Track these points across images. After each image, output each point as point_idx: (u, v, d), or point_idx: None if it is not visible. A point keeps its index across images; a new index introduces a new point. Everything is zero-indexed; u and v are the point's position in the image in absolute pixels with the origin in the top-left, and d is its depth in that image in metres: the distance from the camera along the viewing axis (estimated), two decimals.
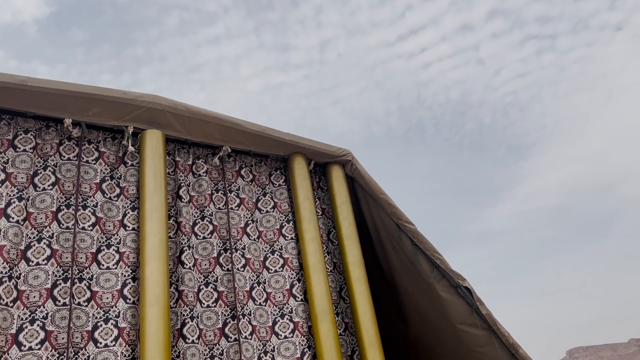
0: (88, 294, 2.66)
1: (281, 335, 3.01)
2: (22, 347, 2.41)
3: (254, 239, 3.22)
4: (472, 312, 3.50)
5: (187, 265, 2.89)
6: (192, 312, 2.79)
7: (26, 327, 2.45)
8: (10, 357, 2.37)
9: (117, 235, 2.86)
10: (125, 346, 2.59)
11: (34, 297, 2.53)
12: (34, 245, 2.62)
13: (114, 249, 2.82)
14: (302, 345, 3.00)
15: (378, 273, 3.96)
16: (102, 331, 2.60)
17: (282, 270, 3.20)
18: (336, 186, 3.58)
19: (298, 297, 3.13)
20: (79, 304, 2.61)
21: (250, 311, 2.95)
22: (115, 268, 2.78)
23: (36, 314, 2.49)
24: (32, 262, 2.59)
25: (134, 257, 2.82)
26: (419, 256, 3.52)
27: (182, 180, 3.15)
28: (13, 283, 2.49)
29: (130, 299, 2.71)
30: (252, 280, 3.07)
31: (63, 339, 2.50)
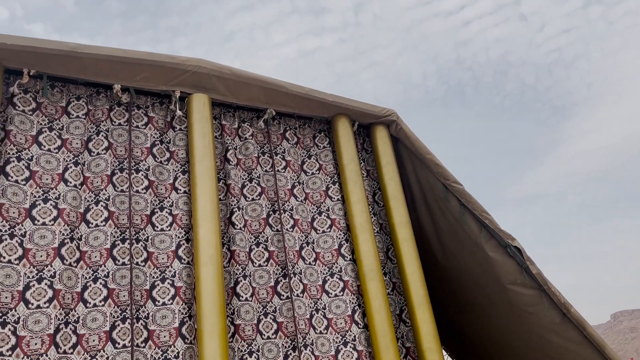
0: (145, 254, 2.75)
1: (331, 294, 3.06)
2: (88, 305, 2.53)
3: (301, 200, 3.25)
4: (521, 272, 3.46)
5: (237, 226, 2.95)
6: (244, 271, 2.86)
7: (90, 285, 2.57)
8: (77, 313, 2.49)
9: (169, 198, 2.93)
10: (182, 304, 2.68)
11: (96, 257, 2.63)
12: (92, 207, 2.71)
13: (167, 212, 2.89)
14: (352, 303, 3.04)
15: (423, 236, 3.95)
16: (159, 290, 2.70)
17: (329, 231, 3.23)
18: (381, 147, 3.55)
19: (347, 257, 3.16)
20: (137, 263, 2.70)
21: (301, 270, 3.00)
22: (169, 230, 2.85)
23: (98, 273, 2.60)
24: (92, 224, 2.68)
25: (186, 219, 2.89)
26: (467, 216, 3.47)
27: (229, 143, 3.18)
28: (75, 244, 2.60)
29: (184, 259, 2.79)
30: (301, 240, 3.11)
31: (124, 296, 2.60)
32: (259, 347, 2.75)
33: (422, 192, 3.76)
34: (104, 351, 2.47)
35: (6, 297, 2.31)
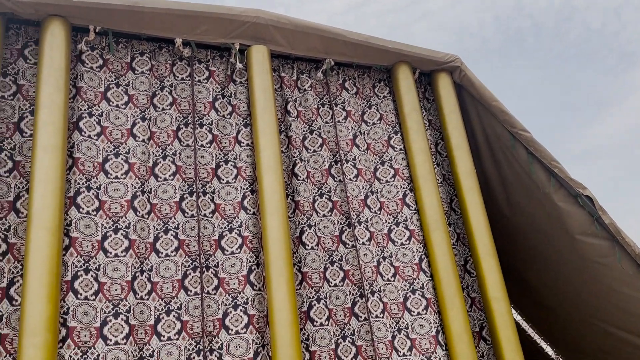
0: (212, 206, 2.82)
1: (397, 242, 3.05)
2: (160, 254, 2.63)
3: (363, 150, 3.22)
4: (593, 222, 3.32)
5: (300, 177, 2.97)
6: (309, 221, 2.89)
7: (161, 236, 2.67)
8: (150, 262, 2.61)
9: (233, 151, 2.97)
10: (249, 253, 2.75)
11: (165, 209, 2.72)
12: (160, 162, 2.79)
13: (231, 164, 2.94)
14: (419, 251, 3.03)
15: (487, 187, 3.84)
16: (227, 240, 2.77)
17: (393, 181, 3.19)
18: (444, 95, 3.43)
19: (411, 207, 3.13)
20: (204, 215, 2.78)
21: (367, 218, 3.00)
22: (235, 182, 2.90)
23: (169, 225, 2.70)
24: (160, 177, 2.77)
25: (250, 171, 2.92)
26: (535, 165, 3.34)
27: (289, 95, 3.16)
28: (146, 197, 2.69)
29: (250, 210, 2.84)
30: (365, 189, 3.10)
31: (194, 246, 2.69)
32: (326, 294, 2.80)
33: (487, 142, 3.64)
34: (177, 298, 2.58)
35: (87, 246, 2.44)
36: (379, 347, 2.70)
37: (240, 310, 2.64)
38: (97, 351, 2.29)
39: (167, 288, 2.59)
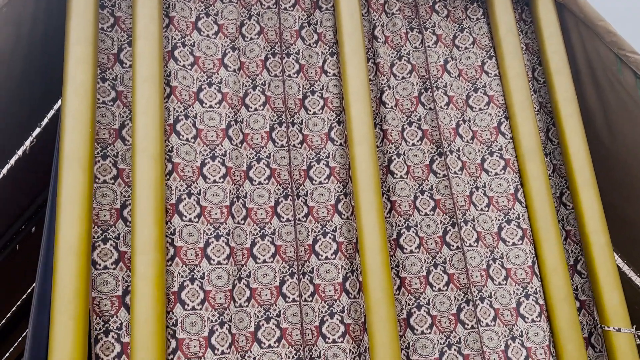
0: (300, 137, 2.84)
1: (491, 172, 2.96)
2: (253, 182, 2.71)
3: (455, 77, 3.08)
4: None
5: (388, 105, 2.90)
6: (397, 150, 2.85)
7: (254, 165, 2.74)
8: (245, 189, 2.70)
9: (320, 81, 2.94)
10: (337, 183, 2.77)
11: (257, 139, 2.78)
12: (250, 92, 2.82)
13: (318, 95, 2.92)
14: (514, 182, 2.92)
15: (587, 115, 3.58)
16: (315, 170, 2.80)
17: (487, 108, 3.05)
18: (543, 16, 3.17)
19: (507, 135, 2.99)
20: (294, 145, 2.81)
21: (458, 147, 2.92)
22: (321, 113, 2.89)
23: (260, 154, 2.76)
24: (251, 108, 2.81)
25: (337, 102, 2.90)
26: None
27: (376, 20, 3.05)
28: (238, 126, 2.75)
29: (337, 141, 2.84)
30: (456, 117, 2.99)
31: (285, 175, 2.75)
32: (416, 222, 2.79)
33: (589, 66, 3.36)
34: (271, 224, 2.67)
35: (188, 171, 2.55)
36: (472, 275, 2.67)
37: (329, 237, 2.70)
38: (202, 269, 2.44)
39: (262, 214, 2.67)
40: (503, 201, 2.90)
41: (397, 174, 2.82)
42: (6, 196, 3.65)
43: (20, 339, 5.81)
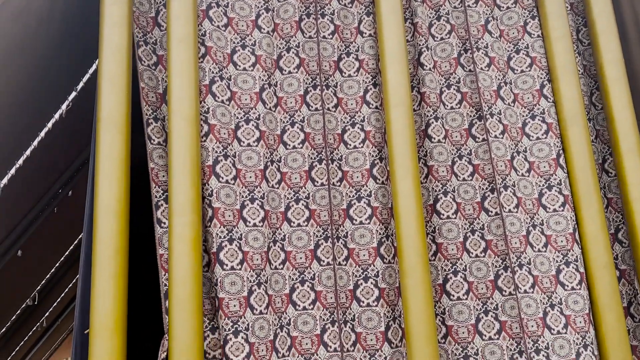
0: (334, 100, 2.80)
1: (533, 137, 2.87)
2: (288, 146, 2.69)
3: (496, 37, 2.97)
4: None
5: (426, 67, 2.82)
6: (435, 113, 2.79)
7: (288, 129, 2.72)
8: (278, 153, 2.68)
9: (355, 42, 2.87)
10: (372, 147, 2.73)
11: (291, 102, 2.74)
12: (284, 55, 2.78)
13: (353, 57, 2.86)
14: (557, 146, 2.83)
15: (632, 80, 3.43)
16: (350, 134, 2.76)
17: (529, 70, 2.95)
18: None
19: (549, 98, 2.89)
20: (328, 109, 2.77)
21: (500, 110, 2.83)
22: (356, 75, 2.83)
23: (294, 118, 2.73)
24: (285, 70, 2.77)
25: (373, 64, 2.83)
26: None
27: None
28: (272, 90, 2.72)
29: (372, 104, 2.78)
30: (498, 79, 2.90)
31: (319, 140, 2.72)
32: (454, 187, 2.74)
33: (637, 28, 3.20)
34: (305, 188, 2.66)
35: (224, 133, 2.54)
36: (511, 241, 2.62)
37: (364, 202, 2.68)
38: (240, 230, 2.45)
39: (296, 178, 2.67)
40: (544, 166, 2.82)
41: (434, 138, 2.76)
42: (44, 160, 3.73)
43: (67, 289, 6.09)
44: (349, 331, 2.51)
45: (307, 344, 2.51)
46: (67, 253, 5.66)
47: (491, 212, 2.71)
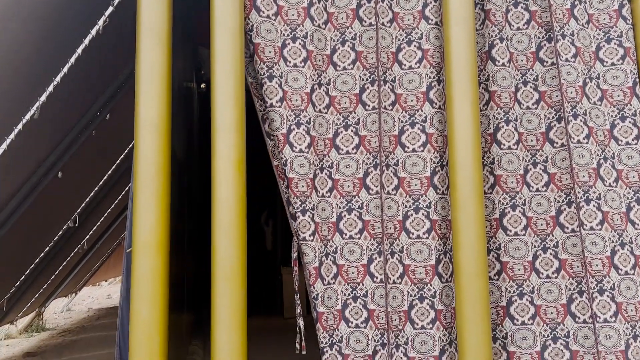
0: (389, 15, 2.56)
1: (607, 62, 2.59)
2: (337, 67, 2.50)
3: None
4: None
5: None
6: (500, 34, 2.53)
7: (338, 48, 2.52)
8: (327, 76, 2.50)
9: None
10: (429, 67, 2.51)
11: (342, 18, 2.53)
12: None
13: None
14: (633, 74, 2.55)
15: None
16: (404, 54, 2.54)
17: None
18: None
19: (628, 20, 2.58)
20: (382, 24, 2.54)
21: (572, 31, 2.54)
22: None
23: (345, 36, 2.52)
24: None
25: None
26: None
27: None
28: (322, 5, 2.50)
29: (432, 20, 2.53)
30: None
31: (372, 58, 2.51)
32: (516, 116, 2.53)
33: None
34: (355, 113, 2.49)
35: (296, 99, 2.41)
36: (579, 174, 2.42)
37: (418, 128, 2.49)
38: (312, 201, 2.41)
39: (345, 103, 2.50)
40: (618, 95, 2.56)
41: (498, 61, 2.51)
42: (82, 79, 3.64)
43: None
44: (397, 263, 2.41)
45: (353, 272, 2.43)
46: (105, 177, 5.70)
47: (557, 143, 2.49)
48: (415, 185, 2.46)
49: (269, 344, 5.89)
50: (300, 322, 2.45)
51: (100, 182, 5.65)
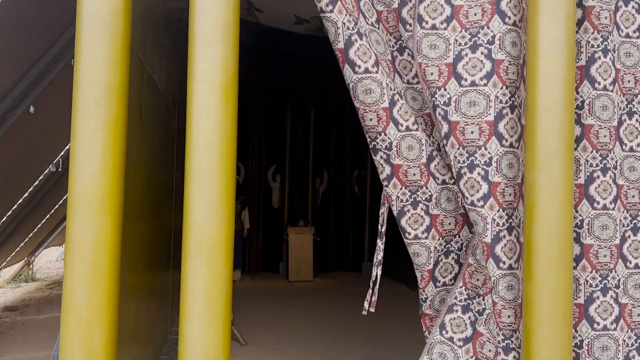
0: None
1: None
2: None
3: None
4: None
5: None
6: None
7: None
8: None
9: None
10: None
11: None
12: None
13: None
14: None
15: None
16: None
17: None
18: None
19: None
20: None
21: None
22: None
23: None
24: None
25: None
26: None
27: None
28: None
29: None
30: None
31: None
32: (614, 45, 1.81)
33: None
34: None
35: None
36: None
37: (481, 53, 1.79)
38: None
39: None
40: None
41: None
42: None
43: None
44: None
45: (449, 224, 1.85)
46: None
47: None
48: (473, 133, 1.78)
49: (273, 304, 5.37)
50: (378, 271, 1.92)
51: None
